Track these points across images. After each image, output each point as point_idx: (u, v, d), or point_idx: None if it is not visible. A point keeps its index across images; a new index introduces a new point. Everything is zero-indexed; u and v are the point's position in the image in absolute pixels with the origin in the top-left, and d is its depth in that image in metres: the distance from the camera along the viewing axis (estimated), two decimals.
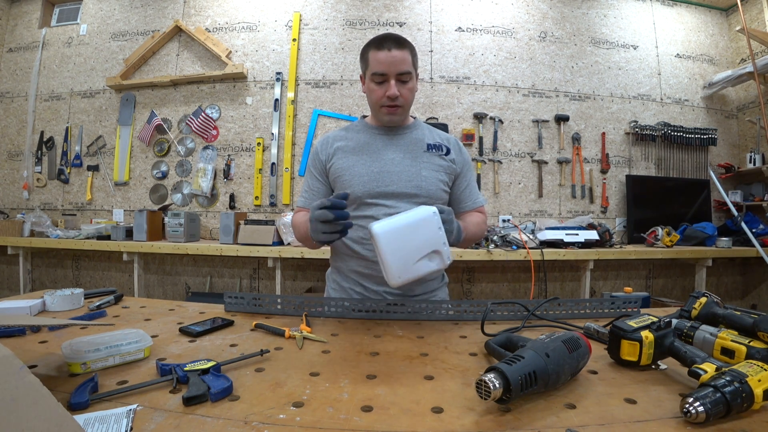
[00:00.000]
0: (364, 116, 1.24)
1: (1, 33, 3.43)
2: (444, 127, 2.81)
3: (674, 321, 0.73)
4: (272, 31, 3.16)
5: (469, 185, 1.20)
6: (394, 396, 0.58)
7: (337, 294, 1.16)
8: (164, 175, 3.16)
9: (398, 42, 1.04)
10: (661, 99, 3.35)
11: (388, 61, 1.02)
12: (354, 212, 1.09)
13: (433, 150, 1.14)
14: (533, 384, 0.54)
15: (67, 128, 3.27)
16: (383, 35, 1.06)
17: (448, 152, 1.15)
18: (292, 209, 2.96)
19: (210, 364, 0.62)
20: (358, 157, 1.11)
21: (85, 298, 1.11)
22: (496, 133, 3.11)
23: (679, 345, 0.65)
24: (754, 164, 3.15)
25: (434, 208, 0.84)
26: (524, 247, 2.51)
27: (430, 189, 1.10)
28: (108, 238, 2.78)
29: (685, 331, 0.71)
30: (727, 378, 0.51)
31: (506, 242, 2.58)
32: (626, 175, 3.19)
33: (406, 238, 0.81)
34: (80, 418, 0.49)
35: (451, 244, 0.88)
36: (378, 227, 0.80)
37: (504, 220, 3.07)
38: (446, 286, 1.23)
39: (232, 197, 3.08)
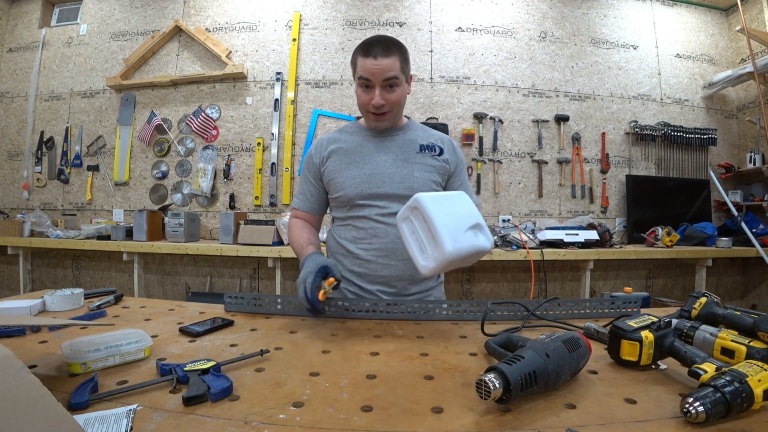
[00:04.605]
0: (359, 117, 1.24)
1: (1, 33, 3.43)
2: (444, 127, 2.80)
3: (674, 321, 0.73)
4: (272, 31, 3.16)
5: (462, 184, 1.20)
6: (394, 396, 0.58)
7: (333, 293, 1.17)
8: (164, 175, 3.16)
9: (385, 48, 1.01)
10: (661, 99, 3.35)
11: (373, 69, 1.00)
12: (347, 213, 1.13)
13: (426, 151, 1.14)
14: (533, 384, 0.54)
15: (67, 128, 3.27)
16: (371, 40, 1.03)
17: (441, 152, 1.16)
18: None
19: (210, 364, 0.62)
20: (350, 160, 1.12)
21: (85, 298, 1.11)
22: (496, 133, 3.11)
23: (679, 345, 0.65)
24: (754, 164, 3.15)
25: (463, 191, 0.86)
26: (524, 247, 2.51)
27: (422, 190, 1.09)
28: (108, 238, 2.78)
29: (685, 331, 0.71)
30: (727, 378, 0.51)
31: (506, 242, 2.58)
32: (626, 175, 3.19)
33: (451, 207, 0.76)
34: (80, 418, 0.49)
35: None
36: (419, 194, 0.76)
37: (504, 220, 3.07)
38: (442, 285, 1.23)
39: (232, 197, 3.08)
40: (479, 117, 3.10)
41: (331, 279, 0.89)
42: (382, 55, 1.00)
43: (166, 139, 3.16)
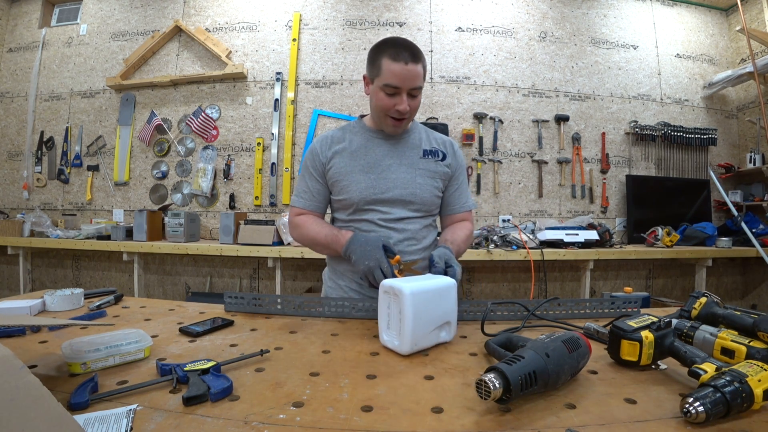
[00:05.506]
0: (362, 116, 1.23)
1: (1, 33, 3.43)
2: (444, 128, 2.81)
3: (674, 321, 0.73)
4: (272, 31, 3.16)
5: (460, 188, 1.20)
6: (394, 396, 0.58)
7: (333, 292, 1.17)
8: (164, 175, 3.16)
9: (414, 55, 1.00)
10: (661, 99, 3.35)
11: (404, 76, 0.99)
12: (349, 216, 1.13)
13: (429, 156, 1.14)
14: (533, 384, 0.54)
15: (67, 128, 3.27)
16: (399, 43, 1.01)
17: (444, 158, 1.16)
18: None
19: (210, 364, 0.62)
20: (356, 163, 1.11)
21: (85, 298, 1.11)
22: (496, 133, 3.11)
23: (679, 345, 0.65)
24: (754, 164, 3.15)
25: (455, 280, 0.83)
26: (524, 247, 2.51)
27: (424, 196, 1.11)
28: (108, 238, 2.78)
29: (685, 331, 0.71)
30: (727, 378, 0.51)
31: (506, 242, 2.58)
32: (626, 175, 3.18)
33: (430, 305, 0.77)
34: (80, 418, 0.49)
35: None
36: (408, 288, 0.74)
37: (504, 220, 3.07)
38: None
39: (232, 197, 3.08)
40: (479, 117, 3.10)
41: (397, 257, 0.94)
42: (412, 62, 0.99)
43: (166, 139, 3.16)
